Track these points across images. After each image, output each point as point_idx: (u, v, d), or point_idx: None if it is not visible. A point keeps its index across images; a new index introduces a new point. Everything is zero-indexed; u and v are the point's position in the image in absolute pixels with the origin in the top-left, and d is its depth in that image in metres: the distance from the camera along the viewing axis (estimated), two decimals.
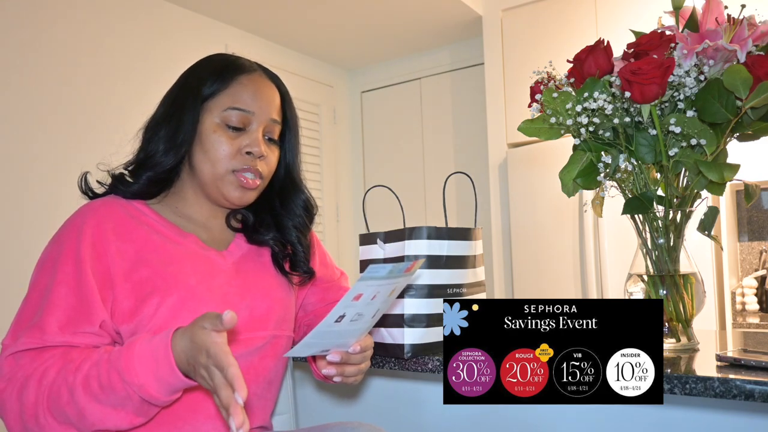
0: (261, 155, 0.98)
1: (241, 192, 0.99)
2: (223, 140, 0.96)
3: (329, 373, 0.92)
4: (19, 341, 0.84)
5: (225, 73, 0.99)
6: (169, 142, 0.97)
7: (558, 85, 1.02)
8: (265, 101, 0.99)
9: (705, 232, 1.01)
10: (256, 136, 0.97)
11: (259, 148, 0.97)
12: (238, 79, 0.98)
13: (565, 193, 1.01)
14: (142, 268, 0.90)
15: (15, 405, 0.80)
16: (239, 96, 0.97)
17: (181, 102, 0.98)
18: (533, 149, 2.83)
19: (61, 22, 2.44)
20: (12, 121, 2.27)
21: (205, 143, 0.96)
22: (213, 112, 0.97)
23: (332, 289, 1.18)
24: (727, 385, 0.79)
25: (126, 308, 0.88)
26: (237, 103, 0.97)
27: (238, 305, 0.96)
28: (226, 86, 0.98)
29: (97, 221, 0.91)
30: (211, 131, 0.96)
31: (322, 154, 3.69)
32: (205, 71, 1.00)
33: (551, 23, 2.87)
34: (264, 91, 1.00)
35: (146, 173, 0.97)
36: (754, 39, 0.93)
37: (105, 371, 0.78)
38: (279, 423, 1.12)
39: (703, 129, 0.92)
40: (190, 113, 0.97)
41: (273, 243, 1.05)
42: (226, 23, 3.13)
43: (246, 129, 0.98)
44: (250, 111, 0.97)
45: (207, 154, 0.96)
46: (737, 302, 2.60)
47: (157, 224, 0.96)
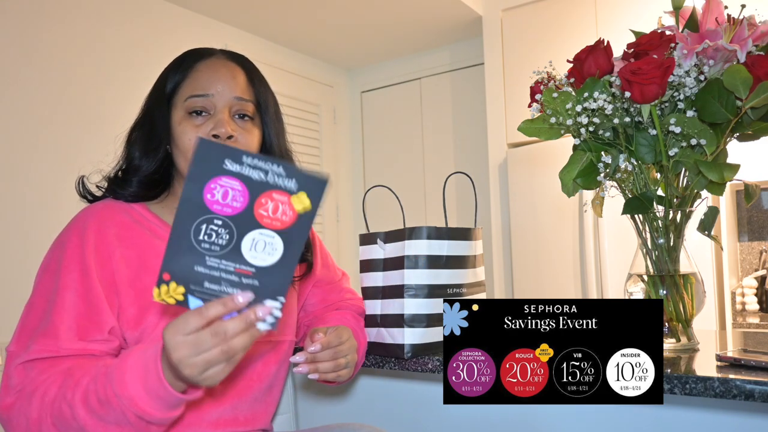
0: (228, 135, 0.94)
1: None
2: (188, 129, 0.94)
3: (302, 371, 0.91)
4: (31, 349, 0.81)
5: (183, 64, 0.98)
6: (145, 144, 0.96)
7: (558, 85, 1.02)
8: (224, 81, 0.96)
9: (705, 232, 1.01)
10: (220, 117, 0.94)
11: (225, 128, 0.93)
12: (195, 67, 0.97)
13: (565, 193, 1.01)
14: (145, 276, 0.89)
15: (22, 421, 0.77)
16: (197, 82, 0.95)
17: (150, 104, 0.98)
18: (533, 149, 2.82)
19: (61, 23, 2.44)
20: (12, 122, 2.27)
21: (176, 138, 0.95)
22: (177, 105, 0.96)
23: (333, 290, 1.18)
24: (727, 385, 0.79)
25: (131, 315, 0.87)
26: (196, 90, 0.95)
27: None
28: (185, 76, 0.97)
29: (100, 226, 0.90)
30: (178, 124, 0.95)
31: (322, 154, 3.68)
32: (167, 69, 1.00)
33: (551, 23, 2.87)
34: (222, 71, 0.97)
35: (133, 177, 0.96)
36: (754, 39, 0.93)
37: (102, 385, 0.73)
38: (279, 424, 1.12)
39: (703, 129, 0.92)
40: (159, 113, 0.96)
41: None
42: (226, 23, 3.13)
43: (211, 112, 0.95)
44: (209, 94, 0.95)
45: (179, 148, 0.95)
46: (737, 302, 2.60)
47: (159, 228, 0.95)
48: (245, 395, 0.95)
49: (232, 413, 0.94)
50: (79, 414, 0.73)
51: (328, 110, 3.79)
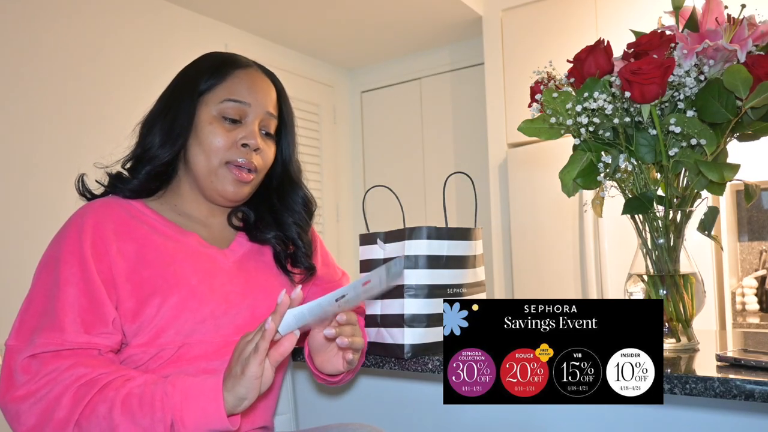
0: (257, 147, 0.98)
1: (235, 186, 0.98)
2: (219, 132, 0.97)
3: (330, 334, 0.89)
4: (35, 343, 0.81)
5: (222, 68, 1.00)
6: (165, 135, 0.97)
7: (558, 85, 1.02)
8: (261, 94, 1.00)
9: (705, 232, 1.01)
10: (252, 128, 0.98)
11: (255, 140, 0.97)
12: (235, 73, 1.00)
13: (565, 193, 1.01)
14: (143, 269, 0.90)
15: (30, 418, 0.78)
16: (236, 88, 0.98)
17: (177, 96, 0.99)
18: (533, 149, 2.82)
19: (61, 23, 2.44)
20: (12, 122, 2.27)
21: (200, 135, 0.96)
22: (210, 104, 0.97)
23: (333, 288, 1.18)
24: (727, 385, 0.79)
25: (129, 308, 0.88)
26: (234, 95, 0.97)
27: (240, 305, 0.96)
28: (223, 79, 0.99)
29: (97, 220, 0.90)
30: (207, 123, 0.97)
31: (322, 154, 3.68)
32: (202, 66, 1.01)
33: (551, 23, 2.87)
34: (260, 84, 1.01)
35: (144, 167, 0.97)
36: (754, 39, 0.93)
37: (150, 390, 0.78)
38: (279, 424, 1.12)
39: (703, 129, 0.92)
40: (187, 106, 0.97)
41: (275, 242, 1.05)
42: (226, 23, 3.13)
43: (242, 122, 0.98)
44: (246, 102, 0.98)
45: (202, 146, 0.96)
46: (737, 302, 2.60)
47: (157, 223, 0.96)
48: None
49: None
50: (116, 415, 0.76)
51: (328, 110, 3.79)
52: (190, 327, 0.90)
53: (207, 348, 0.92)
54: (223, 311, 0.94)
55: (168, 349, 0.89)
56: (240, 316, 0.95)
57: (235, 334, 0.94)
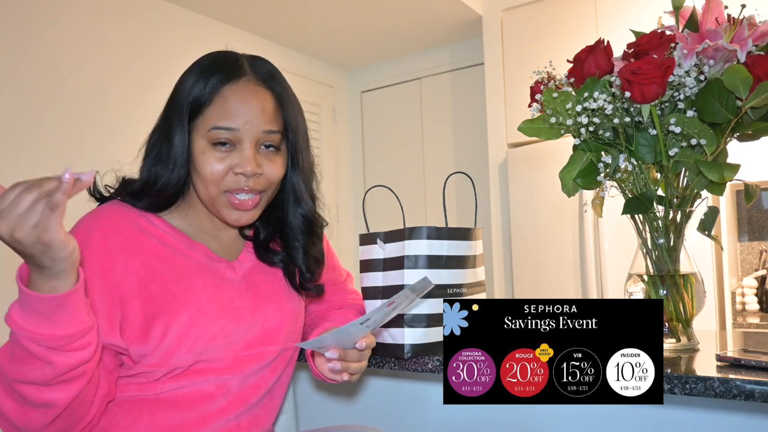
0: (253, 174, 0.91)
1: (238, 214, 0.93)
2: (211, 161, 0.90)
3: (334, 368, 0.90)
4: None
5: (209, 83, 0.91)
6: (166, 166, 0.92)
7: (558, 85, 1.02)
8: (253, 113, 0.90)
9: (705, 232, 1.01)
10: (247, 154, 0.90)
11: (251, 167, 0.90)
12: (222, 92, 0.91)
13: (565, 193, 1.01)
14: (151, 284, 0.87)
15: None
16: (223, 113, 0.90)
17: (170, 122, 0.93)
18: (533, 149, 2.82)
19: (60, 22, 2.44)
20: (11, 121, 2.27)
21: (196, 165, 0.91)
22: (200, 131, 0.91)
23: (338, 290, 1.17)
24: (727, 385, 0.79)
25: (136, 325, 0.85)
26: (221, 121, 0.89)
27: (250, 320, 0.94)
28: (210, 102, 0.90)
29: (104, 234, 0.88)
30: (200, 152, 0.91)
31: (322, 154, 3.68)
32: (188, 83, 0.93)
33: (551, 23, 2.87)
34: (251, 101, 0.91)
35: (151, 199, 0.93)
36: (754, 39, 0.93)
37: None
38: (279, 425, 1.11)
39: (703, 129, 0.92)
40: (179, 134, 0.91)
41: (281, 265, 1.02)
42: (226, 23, 3.13)
43: (237, 146, 0.91)
44: (235, 129, 0.89)
45: (199, 175, 0.91)
46: (737, 302, 2.60)
47: (167, 235, 0.93)
48: (249, 400, 0.95)
49: (236, 420, 0.94)
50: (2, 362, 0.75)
51: (328, 110, 3.79)
52: (201, 346, 0.89)
53: (218, 365, 0.91)
54: (233, 327, 0.92)
55: (180, 367, 0.88)
56: (250, 332, 0.94)
57: (246, 350, 0.94)
